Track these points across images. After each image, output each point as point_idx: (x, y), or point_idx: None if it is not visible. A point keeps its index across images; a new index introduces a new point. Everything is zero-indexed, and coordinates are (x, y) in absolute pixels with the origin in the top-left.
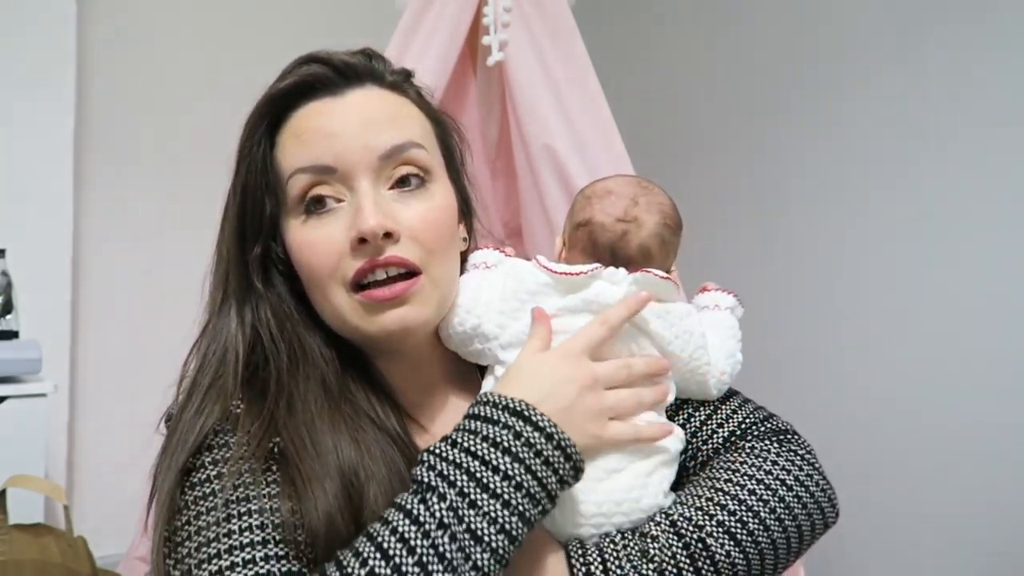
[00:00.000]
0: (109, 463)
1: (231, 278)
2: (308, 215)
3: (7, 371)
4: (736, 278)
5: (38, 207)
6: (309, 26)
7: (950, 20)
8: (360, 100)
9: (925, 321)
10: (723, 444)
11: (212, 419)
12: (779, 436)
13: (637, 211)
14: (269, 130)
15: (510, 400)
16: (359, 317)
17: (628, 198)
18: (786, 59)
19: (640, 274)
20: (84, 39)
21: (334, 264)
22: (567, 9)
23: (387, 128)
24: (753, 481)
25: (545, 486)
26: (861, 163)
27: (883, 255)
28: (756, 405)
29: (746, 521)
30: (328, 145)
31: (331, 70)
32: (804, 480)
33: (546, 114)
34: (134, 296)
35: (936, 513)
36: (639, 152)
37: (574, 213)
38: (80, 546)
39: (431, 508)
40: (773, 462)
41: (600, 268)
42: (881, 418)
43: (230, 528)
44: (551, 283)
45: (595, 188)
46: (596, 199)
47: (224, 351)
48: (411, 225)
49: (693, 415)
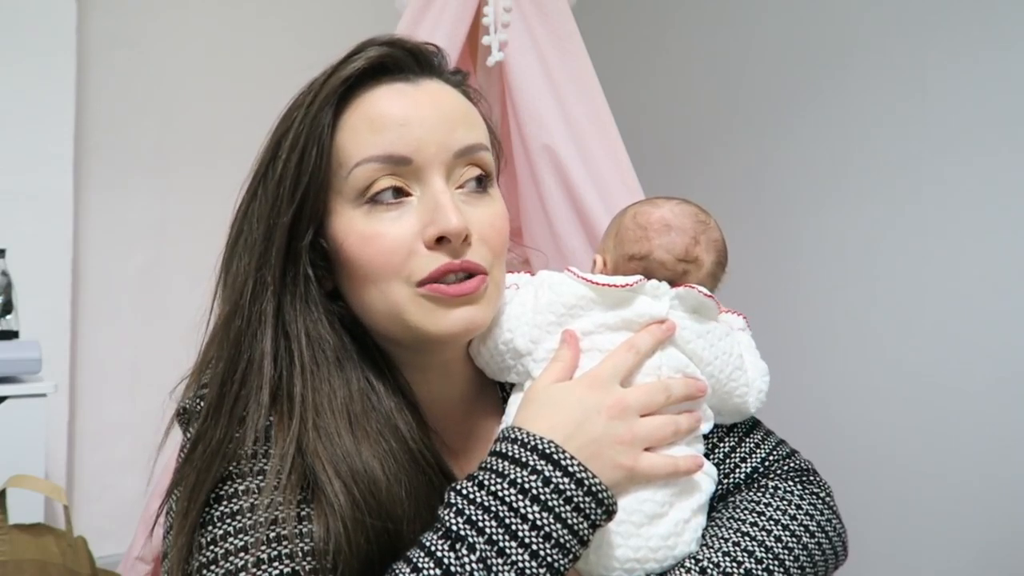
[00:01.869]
0: (109, 463)
1: (273, 266)
2: (374, 205)
3: (7, 371)
4: (736, 278)
5: (38, 207)
6: (309, 26)
7: (952, 21)
8: (434, 91)
9: (925, 321)
10: (745, 480)
11: (246, 433)
12: (801, 476)
13: (698, 251)
14: (335, 111)
15: (538, 440)
16: (422, 314)
17: (690, 236)
18: (786, 59)
19: (683, 289)
20: (84, 39)
21: (401, 261)
22: (567, 9)
23: (461, 125)
24: (779, 527)
25: (576, 532)
26: (862, 164)
27: (884, 255)
28: (778, 439)
29: (772, 570)
30: (404, 134)
31: (407, 54)
32: (824, 525)
33: (546, 114)
34: (134, 296)
35: (936, 513)
36: (639, 152)
37: (627, 242)
38: (80, 546)
39: (461, 559)
40: (797, 506)
41: (643, 281)
42: (880, 418)
43: (259, 557)
44: (591, 297)
45: (651, 218)
46: (655, 234)
47: (261, 351)
48: (481, 228)
49: (718, 446)
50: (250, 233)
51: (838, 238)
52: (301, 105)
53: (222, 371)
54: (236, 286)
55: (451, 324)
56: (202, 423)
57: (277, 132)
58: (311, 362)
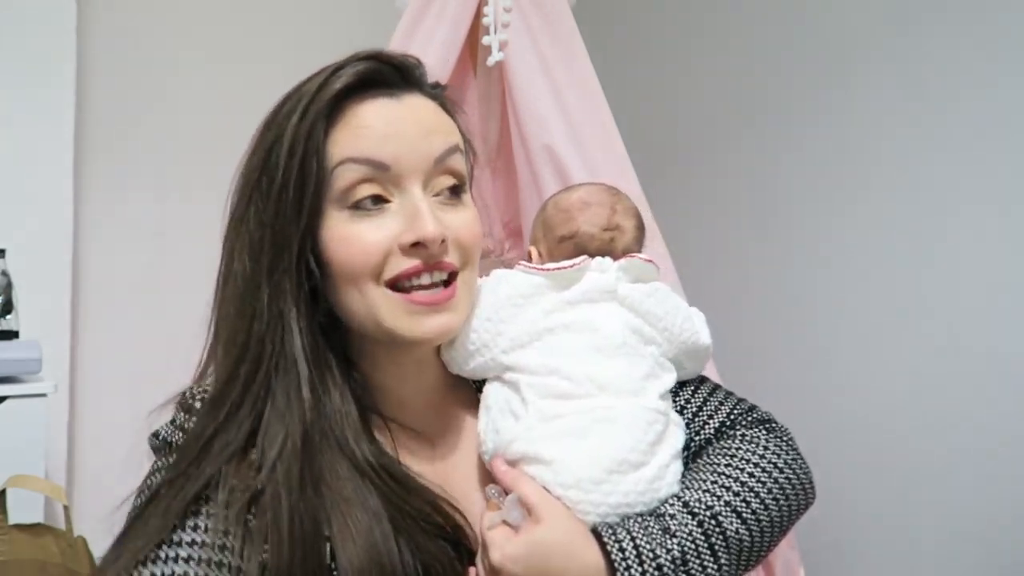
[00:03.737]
0: (109, 463)
1: (291, 270)
2: (355, 210)
3: (7, 371)
4: (735, 277)
5: (38, 207)
6: (309, 27)
7: (950, 20)
8: (416, 105)
9: (924, 321)
10: (714, 434)
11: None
12: (764, 425)
13: (618, 218)
14: (326, 122)
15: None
16: (396, 318)
17: (608, 207)
18: (787, 59)
19: (625, 260)
20: (84, 39)
21: (378, 262)
22: (567, 9)
23: (439, 135)
24: (751, 465)
25: None
26: (861, 163)
27: (882, 255)
28: (739, 397)
29: (749, 501)
30: (385, 144)
31: (392, 69)
32: (791, 463)
33: (546, 114)
34: (134, 296)
35: (935, 512)
36: (639, 152)
37: (554, 226)
38: (80, 546)
39: None
40: (764, 447)
41: (588, 259)
42: (880, 418)
43: None
44: (545, 282)
45: (570, 200)
46: (577, 212)
47: (292, 354)
48: (456, 233)
49: (685, 407)
50: (250, 239)
51: (838, 238)
52: (291, 114)
53: (244, 378)
54: (246, 293)
55: (426, 330)
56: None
57: (266, 140)
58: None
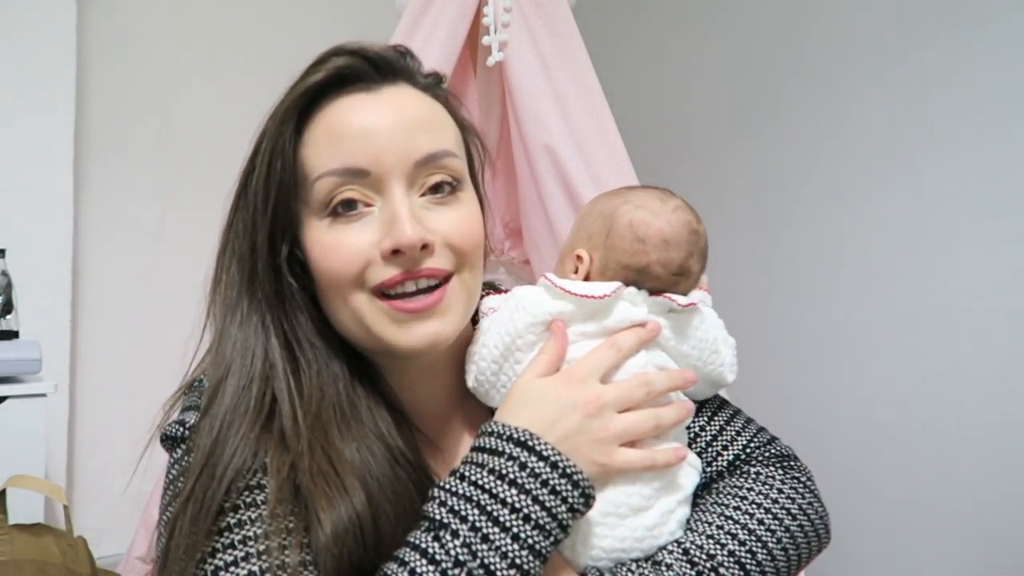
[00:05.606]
0: (109, 463)
1: (262, 280)
2: (335, 217)
3: (7, 371)
4: (736, 278)
5: (38, 207)
6: (309, 26)
7: (953, 23)
8: (396, 98)
9: (925, 321)
10: (727, 467)
11: (244, 456)
12: (782, 462)
13: (691, 263)
14: (298, 124)
15: (514, 430)
16: (383, 327)
17: (686, 251)
18: (787, 59)
19: (661, 298)
20: (84, 39)
21: (359, 271)
22: (567, 9)
23: (424, 133)
24: (761, 510)
25: (555, 516)
26: (862, 165)
27: (884, 256)
28: (758, 427)
29: (755, 552)
30: (362, 145)
31: (366, 63)
32: (806, 508)
33: (546, 114)
34: (134, 296)
35: (935, 512)
36: (639, 152)
37: (621, 251)
38: (80, 546)
39: (446, 546)
40: (779, 490)
41: (621, 288)
42: (881, 418)
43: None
44: (570, 308)
45: (650, 232)
46: (653, 249)
47: (259, 368)
48: (445, 234)
49: (699, 435)
50: (236, 244)
51: (838, 237)
52: (272, 117)
53: (233, 387)
54: (228, 299)
55: (415, 340)
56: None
57: (254, 143)
58: (316, 370)
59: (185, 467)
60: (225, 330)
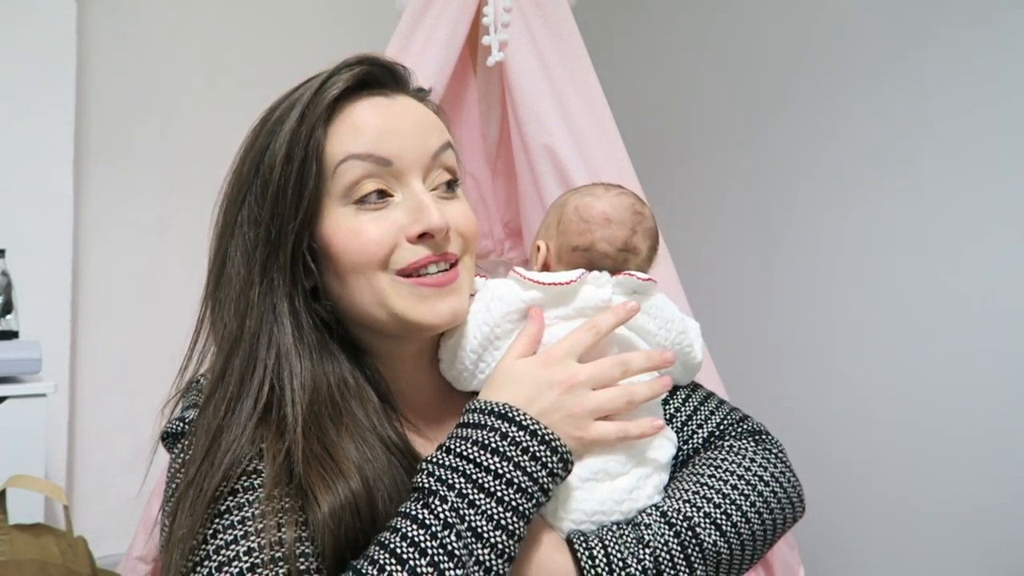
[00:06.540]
0: (109, 463)
1: (272, 273)
2: (361, 205)
3: (7, 371)
4: (736, 278)
5: (38, 207)
6: (309, 27)
7: (953, 22)
8: (408, 104)
9: (925, 322)
10: (703, 444)
11: (242, 444)
12: (755, 436)
13: (636, 240)
14: (325, 124)
15: (495, 404)
16: (408, 305)
17: (629, 228)
18: (787, 59)
19: (623, 276)
20: (84, 39)
21: (387, 253)
22: (567, 9)
23: (435, 131)
24: (735, 477)
25: (536, 480)
26: (862, 165)
27: (884, 256)
28: (731, 407)
29: (730, 513)
30: (387, 139)
31: (385, 71)
32: (779, 477)
33: (546, 114)
34: (134, 296)
35: (935, 512)
36: (639, 152)
37: (570, 234)
38: (80, 546)
39: (435, 511)
40: (751, 459)
41: (585, 274)
42: (881, 418)
43: (260, 560)
44: (539, 297)
45: (593, 212)
46: (596, 227)
47: (262, 357)
48: (457, 224)
49: (675, 415)
50: (244, 241)
51: (838, 237)
52: (284, 120)
53: (235, 376)
54: (240, 293)
55: (438, 314)
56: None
57: (259, 145)
58: (314, 362)
59: (186, 460)
60: (229, 322)
